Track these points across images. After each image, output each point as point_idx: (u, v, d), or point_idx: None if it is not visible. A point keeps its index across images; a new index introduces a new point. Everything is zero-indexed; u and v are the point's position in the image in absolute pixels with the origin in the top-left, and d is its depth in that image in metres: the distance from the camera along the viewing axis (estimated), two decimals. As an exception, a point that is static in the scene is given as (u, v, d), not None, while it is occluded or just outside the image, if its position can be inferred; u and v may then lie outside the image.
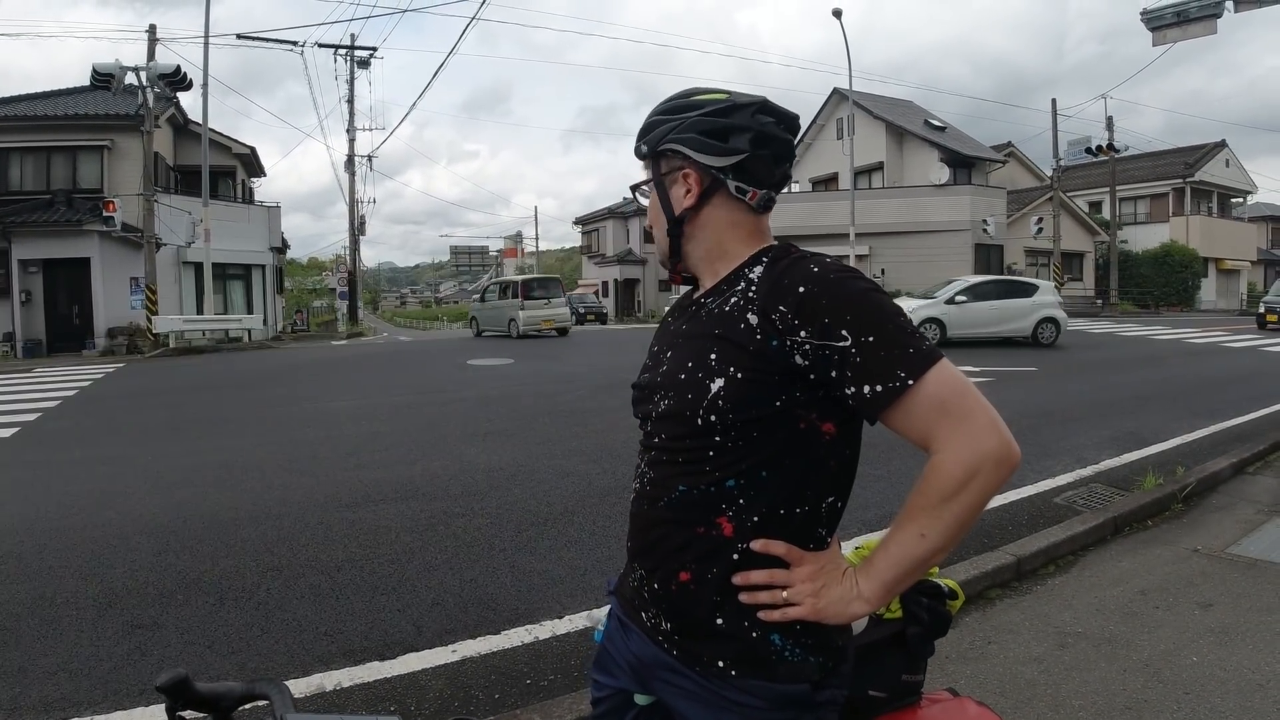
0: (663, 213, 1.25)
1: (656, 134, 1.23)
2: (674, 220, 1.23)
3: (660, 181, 1.24)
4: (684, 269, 1.28)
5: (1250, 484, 5.79)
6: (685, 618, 1.16)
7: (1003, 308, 16.51)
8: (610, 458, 6.42)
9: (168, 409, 10.07)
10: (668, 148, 1.22)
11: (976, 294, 16.64)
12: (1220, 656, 3.18)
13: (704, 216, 1.22)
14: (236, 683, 1.07)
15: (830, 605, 1.10)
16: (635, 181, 1.33)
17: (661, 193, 1.24)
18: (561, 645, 3.27)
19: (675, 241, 1.25)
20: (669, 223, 1.24)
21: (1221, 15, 14.06)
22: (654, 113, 1.26)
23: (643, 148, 1.25)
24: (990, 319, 16.42)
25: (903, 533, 1.08)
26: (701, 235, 1.24)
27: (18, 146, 22.69)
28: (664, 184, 1.24)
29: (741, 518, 1.12)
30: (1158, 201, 40.36)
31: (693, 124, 1.19)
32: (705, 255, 1.24)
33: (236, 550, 4.42)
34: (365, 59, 33.16)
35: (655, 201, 1.26)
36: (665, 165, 1.24)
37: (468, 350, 17.54)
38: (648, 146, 1.24)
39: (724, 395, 1.10)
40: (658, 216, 1.27)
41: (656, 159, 1.24)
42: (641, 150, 1.26)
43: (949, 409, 1.03)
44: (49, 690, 2.94)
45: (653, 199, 1.27)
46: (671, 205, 1.24)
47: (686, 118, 1.20)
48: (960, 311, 16.35)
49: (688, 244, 1.25)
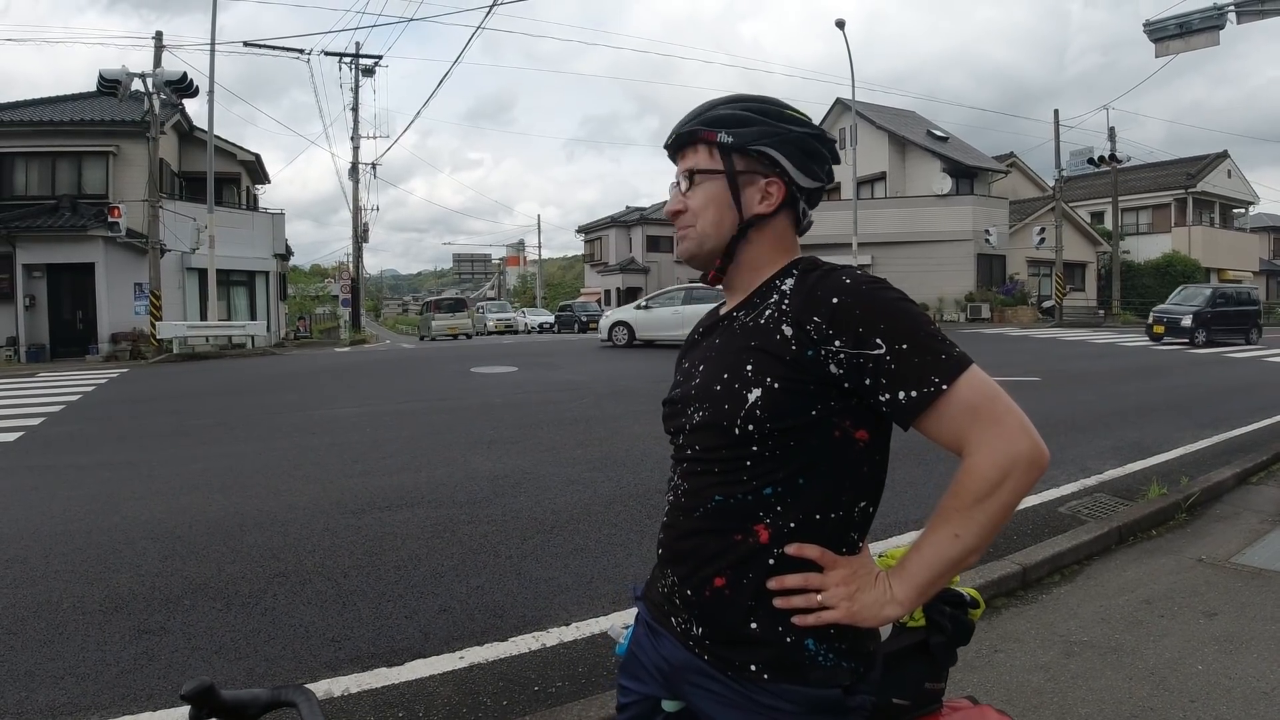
0: (732, 208, 1.22)
1: (751, 131, 1.20)
2: (744, 222, 1.22)
3: (734, 177, 1.22)
4: (718, 269, 1.27)
5: (1254, 494, 5.80)
6: (719, 623, 1.17)
7: (684, 313, 18.41)
8: (614, 466, 6.43)
9: (172, 415, 10.09)
10: (761, 149, 1.20)
11: (661, 301, 19.98)
12: (1225, 665, 3.19)
13: (769, 226, 1.23)
14: (262, 689, 1.07)
15: (865, 609, 1.11)
16: (672, 169, 1.30)
17: (734, 188, 1.22)
18: (569, 652, 3.27)
19: (734, 241, 1.23)
20: (739, 221, 1.22)
21: (1224, 26, 14.08)
22: (736, 106, 1.23)
23: (728, 138, 1.20)
24: (673, 323, 18.41)
25: (937, 535, 1.10)
26: (759, 242, 1.24)
27: (24, 151, 22.81)
28: (738, 181, 1.22)
29: (779, 524, 1.13)
30: (1160, 212, 40.41)
31: (796, 139, 1.21)
32: (751, 262, 1.24)
33: (242, 556, 4.43)
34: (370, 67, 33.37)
35: (721, 194, 1.22)
36: (744, 164, 1.21)
37: (471, 358, 17.56)
38: (735, 139, 1.20)
39: (761, 405, 1.11)
40: (722, 211, 1.22)
41: (739, 153, 1.21)
42: (726, 141, 1.21)
43: (981, 413, 1.06)
44: (56, 695, 2.95)
45: (717, 190, 1.22)
46: (742, 205, 1.22)
47: (787, 129, 1.21)
48: (646, 315, 19.51)
49: (744, 247, 1.24)
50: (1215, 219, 41.13)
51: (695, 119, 1.24)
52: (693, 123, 1.24)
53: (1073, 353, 17.27)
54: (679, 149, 1.27)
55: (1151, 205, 40.60)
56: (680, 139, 1.26)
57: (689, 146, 1.25)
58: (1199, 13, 14.11)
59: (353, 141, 33.75)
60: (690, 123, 1.25)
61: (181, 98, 21.54)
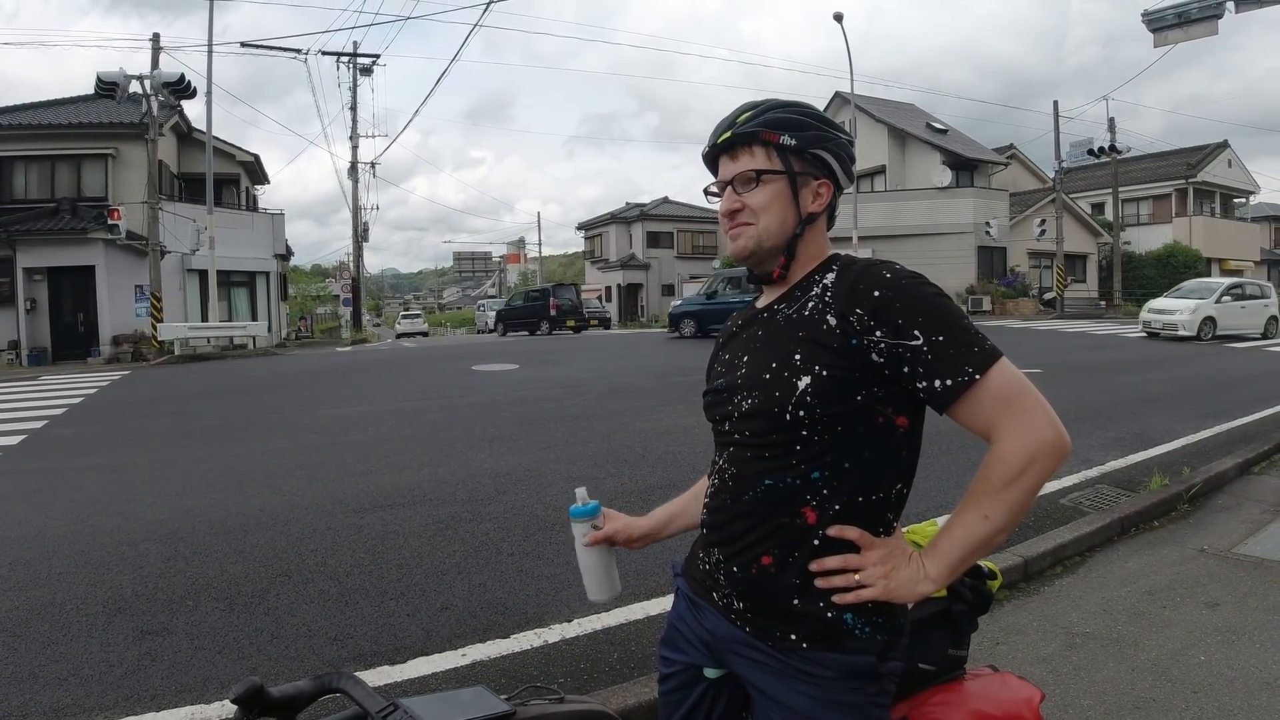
0: (793, 207, 1.30)
1: (810, 135, 1.29)
2: (803, 219, 1.31)
3: (795, 178, 1.30)
4: (782, 266, 1.33)
5: (1256, 484, 5.79)
6: (763, 599, 1.25)
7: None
8: (616, 462, 6.43)
9: (174, 416, 10.10)
10: (818, 153, 1.30)
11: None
12: (1228, 655, 3.19)
13: (818, 223, 1.34)
14: (305, 681, 1.07)
15: (900, 586, 1.19)
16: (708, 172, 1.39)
17: (795, 189, 1.30)
18: (571, 649, 3.28)
19: (795, 239, 1.31)
20: (799, 220, 1.31)
21: (1222, 16, 14.04)
22: (789, 111, 1.31)
23: (790, 140, 1.28)
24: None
25: (967, 516, 1.18)
26: (811, 238, 1.33)
27: (23, 155, 22.83)
28: (797, 182, 1.30)
29: (825, 506, 1.22)
30: (1160, 202, 40.31)
31: (843, 145, 1.32)
32: (805, 256, 1.33)
33: (245, 556, 4.44)
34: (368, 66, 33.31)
35: (784, 193, 1.30)
36: (801, 166, 1.30)
37: (472, 356, 17.56)
38: (798, 142, 1.28)
39: (811, 391, 1.19)
40: (785, 209, 1.30)
41: (798, 156, 1.29)
42: (789, 143, 1.28)
43: (1010, 402, 1.14)
44: (60, 696, 2.96)
45: (779, 189, 1.30)
46: (799, 205, 1.31)
47: (837, 136, 1.31)
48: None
49: (802, 243, 1.32)
50: (1216, 209, 41.00)
51: (754, 120, 1.29)
52: (752, 124, 1.29)
53: (1074, 344, 17.26)
54: (731, 149, 1.32)
55: (1152, 196, 40.49)
56: (736, 139, 1.30)
57: (743, 147, 1.31)
58: (1197, 2, 14.06)
59: (351, 141, 33.71)
60: (749, 123, 1.30)
61: (179, 99, 21.54)
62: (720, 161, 1.35)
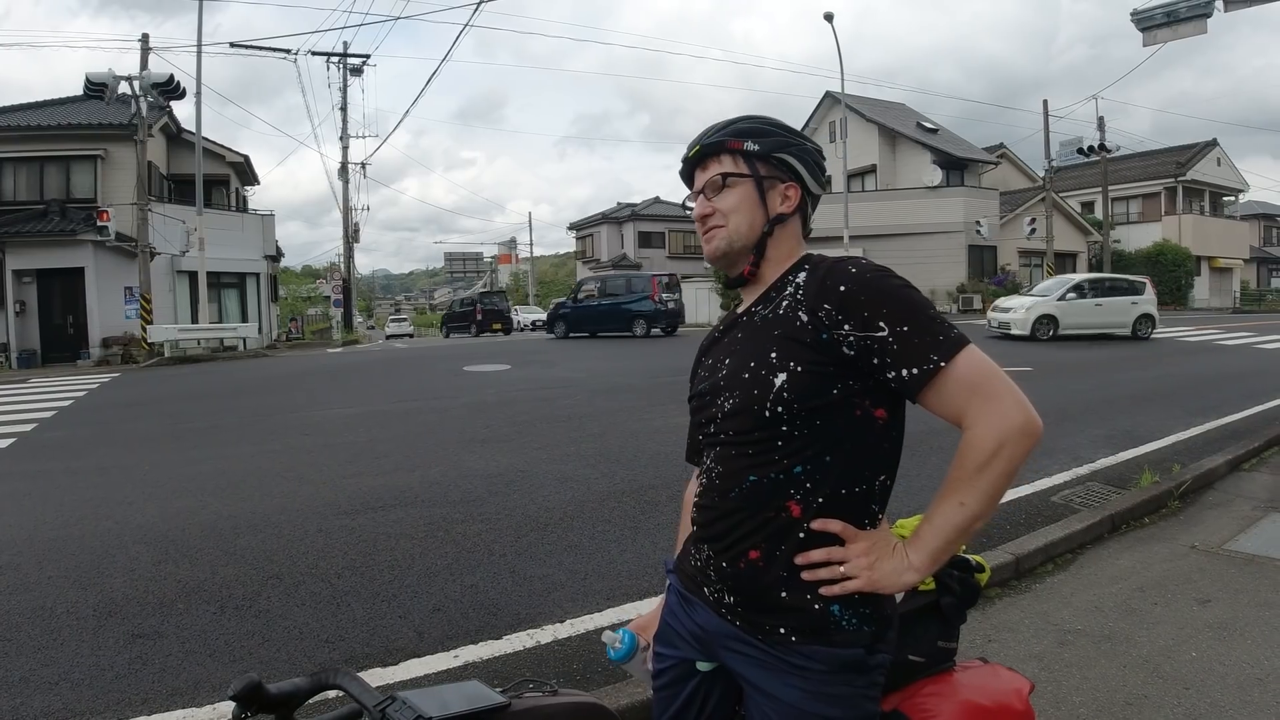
0: (761, 208, 1.37)
1: (773, 141, 1.37)
2: (771, 219, 1.37)
3: (761, 181, 1.37)
4: (752, 264, 1.39)
5: (1246, 480, 5.82)
6: (752, 592, 1.28)
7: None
8: (608, 462, 6.43)
9: (164, 418, 10.05)
10: (782, 158, 1.37)
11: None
12: (1219, 651, 3.20)
13: (788, 225, 1.39)
14: (302, 678, 1.07)
15: (885, 577, 1.22)
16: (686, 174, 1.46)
17: (761, 191, 1.37)
18: (563, 649, 3.27)
19: (764, 238, 1.37)
20: (767, 220, 1.37)
21: (1211, 15, 14.11)
22: (754, 121, 1.39)
23: (754, 145, 1.36)
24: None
25: (944, 504, 1.20)
26: (782, 238, 1.38)
27: (11, 156, 22.66)
28: (763, 184, 1.37)
29: (808, 500, 1.25)
30: (1150, 201, 40.51)
31: (809, 153, 1.39)
32: (776, 256, 1.38)
33: (236, 558, 4.41)
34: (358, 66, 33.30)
35: (750, 195, 1.37)
36: (767, 170, 1.37)
37: (463, 357, 17.53)
38: (760, 147, 1.36)
39: (788, 387, 1.23)
40: (753, 210, 1.37)
41: (763, 160, 1.36)
42: (752, 149, 1.35)
43: (978, 388, 1.17)
44: (51, 701, 2.93)
45: (746, 192, 1.37)
46: (768, 206, 1.37)
47: (802, 144, 1.39)
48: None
49: (772, 243, 1.38)
50: (1205, 207, 41.24)
51: (720, 132, 1.39)
52: (718, 135, 1.38)
53: (1064, 342, 17.30)
54: (702, 160, 1.41)
55: (1142, 194, 40.68)
56: (706, 149, 1.39)
57: (713, 157, 1.39)
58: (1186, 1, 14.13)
59: (342, 141, 33.71)
60: (715, 135, 1.39)
61: (169, 100, 21.39)
62: (695, 175, 1.43)
